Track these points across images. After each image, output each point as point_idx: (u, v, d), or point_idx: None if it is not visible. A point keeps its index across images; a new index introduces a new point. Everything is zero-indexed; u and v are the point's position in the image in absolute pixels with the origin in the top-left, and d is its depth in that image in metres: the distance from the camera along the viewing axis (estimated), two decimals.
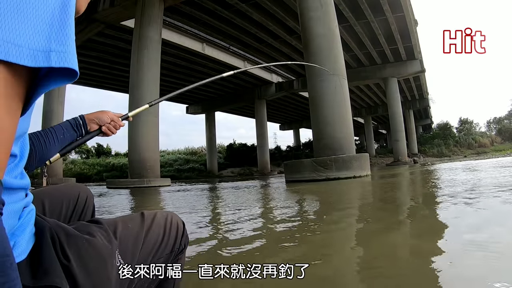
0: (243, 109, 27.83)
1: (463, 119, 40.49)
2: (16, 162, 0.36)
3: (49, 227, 0.43)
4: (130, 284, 0.51)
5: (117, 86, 20.83)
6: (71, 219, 0.69)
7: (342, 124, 7.06)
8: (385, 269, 1.09)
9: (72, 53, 0.29)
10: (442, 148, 27.03)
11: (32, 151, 0.56)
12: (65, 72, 0.29)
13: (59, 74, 0.29)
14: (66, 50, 0.28)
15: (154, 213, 0.59)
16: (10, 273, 0.26)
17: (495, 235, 1.42)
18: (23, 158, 0.38)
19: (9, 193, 0.35)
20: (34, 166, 0.59)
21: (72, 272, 0.41)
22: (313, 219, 2.23)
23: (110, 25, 11.82)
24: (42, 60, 0.26)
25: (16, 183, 0.36)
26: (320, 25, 7.42)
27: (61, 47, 0.27)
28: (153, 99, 0.96)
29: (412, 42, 17.18)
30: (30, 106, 0.30)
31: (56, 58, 0.27)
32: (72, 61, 0.28)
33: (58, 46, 0.27)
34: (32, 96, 0.29)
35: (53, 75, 0.29)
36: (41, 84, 0.29)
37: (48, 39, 0.27)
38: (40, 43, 0.26)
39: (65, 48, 0.28)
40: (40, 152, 0.58)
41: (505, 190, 2.72)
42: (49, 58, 0.26)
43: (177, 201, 4.15)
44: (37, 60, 0.26)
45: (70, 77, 0.29)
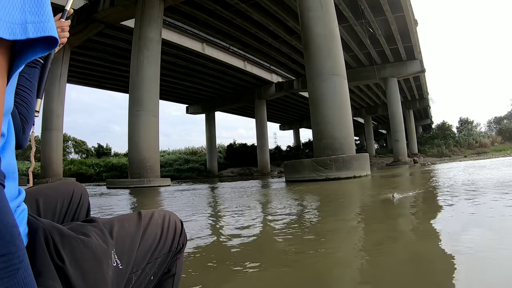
0: (243, 109, 27.83)
1: (463, 119, 40.53)
2: (3, 142, 0.35)
3: (42, 227, 0.42)
4: (127, 284, 0.50)
5: (117, 86, 20.81)
6: (66, 217, 0.68)
7: (342, 124, 7.06)
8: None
9: (48, 21, 0.29)
10: (442, 148, 27.01)
11: (20, 120, 0.54)
12: (45, 41, 0.29)
13: (39, 44, 0.29)
14: (42, 20, 0.28)
15: (151, 212, 0.58)
16: (19, 243, 0.27)
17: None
18: (10, 138, 0.37)
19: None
20: (30, 128, 0.57)
21: (67, 273, 0.40)
22: (313, 219, 2.22)
23: (110, 25, 11.80)
24: (20, 32, 0.26)
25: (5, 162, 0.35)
26: (320, 25, 7.41)
27: (36, 17, 0.28)
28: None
29: (412, 42, 17.18)
30: (11, 78, 0.30)
31: (33, 29, 0.27)
32: (49, 28, 0.29)
33: (33, 17, 0.28)
34: (12, 69, 0.29)
35: (33, 45, 0.29)
36: (22, 56, 0.29)
37: (23, 12, 0.27)
38: (15, 16, 0.26)
39: (40, 18, 0.28)
40: (26, 113, 0.56)
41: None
42: (26, 29, 0.27)
43: (177, 201, 4.14)
44: (14, 32, 0.26)
45: (50, 45, 0.30)
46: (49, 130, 11.91)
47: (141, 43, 9.35)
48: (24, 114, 0.54)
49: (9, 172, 0.36)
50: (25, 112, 0.55)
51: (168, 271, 0.60)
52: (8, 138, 0.36)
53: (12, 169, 0.37)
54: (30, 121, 0.56)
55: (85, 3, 11.69)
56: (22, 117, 0.54)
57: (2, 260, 0.24)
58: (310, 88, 7.46)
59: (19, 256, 0.26)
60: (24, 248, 0.28)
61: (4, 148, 0.35)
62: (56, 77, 12.01)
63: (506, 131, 34.89)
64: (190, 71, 18.41)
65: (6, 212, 0.26)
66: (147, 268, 0.54)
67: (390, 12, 14.05)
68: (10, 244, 0.25)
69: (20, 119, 0.53)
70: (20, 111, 0.54)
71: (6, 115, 0.35)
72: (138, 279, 0.52)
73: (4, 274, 0.24)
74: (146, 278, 0.54)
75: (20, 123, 0.53)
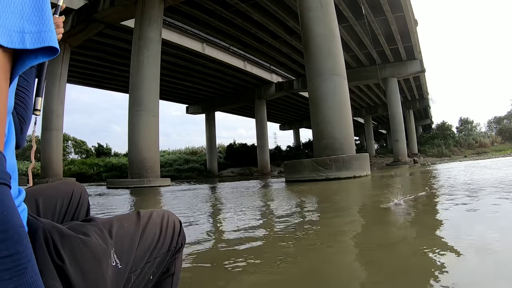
0: (243, 109, 27.83)
1: (463, 118, 40.52)
2: (4, 141, 0.35)
3: (42, 227, 0.42)
4: (127, 283, 0.50)
5: (117, 86, 20.82)
6: (65, 216, 0.68)
7: (342, 124, 7.06)
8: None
9: (47, 30, 0.28)
10: (442, 148, 26.99)
11: (18, 120, 0.54)
12: (45, 50, 0.29)
13: (40, 52, 0.29)
14: (41, 30, 0.28)
15: (150, 212, 0.59)
16: (27, 243, 0.28)
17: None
18: (10, 138, 0.37)
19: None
20: (28, 128, 0.57)
21: (67, 273, 0.41)
22: (313, 218, 2.22)
23: (110, 25, 11.80)
24: (17, 41, 0.26)
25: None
26: (320, 25, 7.41)
27: (34, 27, 0.28)
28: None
29: (412, 42, 17.18)
30: (12, 82, 0.30)
31: (30, 40, 0.27)
32: (48, 38, 0.28)
33: (31, 26, 0.27)
34: (14, 71, 0.29)
35: (33, 53, 0.29)
36: (22, 61, 0.29)
37: (21, 18, 0.27)
38: (14, 22, 0.26)
39: (39, 28, 0.28)
40: (23, 113, 0.56)
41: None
42: (24, 39, 0.27)
43: (177, 201, 4.14)
44: (13, 40, 0.26)
45: (51, 53, 0.30)
46: (49, 130, 11.92)
47: (141, 43, 9.36)
48: (22, 114, 0.55)
49: (9, 172, 0.37)
50: (23, 112, 0.55)
51: (167, 270, 0.61)
52: (8, 137, 0.36)
53: (12, 168, 0.37)
54: (28, 121, 0.56)
55: (85, 3, 11.70)
56: (20, 117, 0.54)
57: (11, 259, 0.25)
58: (310, 88, 7.47)
59: (26, 256, 0.27)
60: (31, 247, 0.28)
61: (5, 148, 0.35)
62: (56, 77, 12.02)
63: (506, 131, 34.84)
64: (190, 71, 18.41)
65: (13, 213, 0.27)
66: (146, 268, 0.54)
67: (390, 12, 14.05)
68: (18, 244, 0.26)
69: (18, 120, 0.53)
70: (18, 111, 0.54)
71: (7, 115, 0.35)
72: (137, 278, 0.53)
73: (14, 274, 0.25)
74: (145, 278, 0.55)
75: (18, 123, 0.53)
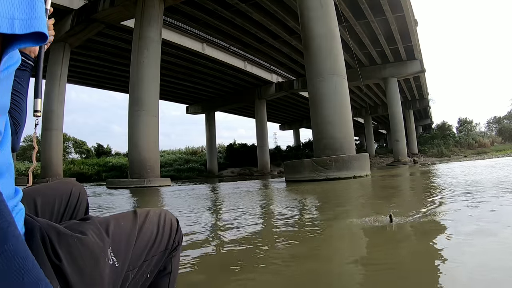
0: (243, 109, 27.83)
1: (462, 119, 40.49)
2: (0, 139, 0.35)
3: (39, 227, 0.42)
4: (124, 282, 0.50)
5: (117, 86, 20.82)
6: (64, 216, 0.68)
7: (342, 124, 7.06)
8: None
9: (36, 17, 0.29)
10: (442, 148, 26.99)
11: (13, 123, 0.54)
12: (33, 36, 0.29)
13: (28, 37, 0.29)
14: (30, 17, 0.28)
15: (147, 211, 0.59)
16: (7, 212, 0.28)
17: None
18: (6, 137, 0.37)
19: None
20: (22, 131, 0.57)
21: (64, 272, 0.41)
22: (313, 219, 2.22)
23: (110, 25, 11.81)
24: (6, 26, 0.26)
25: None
26: (320, 25, 7.41)
27: (24, 15, 0.28)
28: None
29: (412, 42, 17.18)
30: (4, 69, 0.30)
31: (19, 25, 0.27)
32: (37, 24, 0.29)
33: (21, 14, 0.28)
34: (3, 54, 0.29)
35: (21, 38, 0.29)
36: (11, 43, 0.29)
37: (12, 5, 0.27)
38: (4, 9, 0.26)
39: (28, 15, 0.28)
40: (18, 117, 0.56)
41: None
42: (13, 25, 0.27)
43: (177, 201, 4.14)
44: (1, 25, 0.26)
45: (40, 39, 0.30)
46: (49, 130, 11.91)
47: (141, 43, 9.36)
48: (16, 118, 0.55)
49: (3, 170, 0.37)
50: (17, 115, 0.55)
51: (164, 269, 0.61)
52: (4, 136, 0.36)
53: (7, 167, 0.37)
54: (22, 125, 0.56)
55: (85, 3, 11.70)
56: (14, 120, 0.54)
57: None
58: (310, 88, 7.47)
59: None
60: (11, 214, 0.28)
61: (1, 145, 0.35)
62: (56, 77, 12.02)
63: (506, 131, 34.82)
64: (190, 71, 18.41)
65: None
66: (144, 266, 0.54)
67: (390, 12, 14.05)
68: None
69: (12, 123, 0.53)
70: (12, 114, 0.54)
71: (3, 114, 0.35)
72: (135, 277, 0.53)
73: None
74: (143, 276, 0.55)
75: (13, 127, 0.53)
